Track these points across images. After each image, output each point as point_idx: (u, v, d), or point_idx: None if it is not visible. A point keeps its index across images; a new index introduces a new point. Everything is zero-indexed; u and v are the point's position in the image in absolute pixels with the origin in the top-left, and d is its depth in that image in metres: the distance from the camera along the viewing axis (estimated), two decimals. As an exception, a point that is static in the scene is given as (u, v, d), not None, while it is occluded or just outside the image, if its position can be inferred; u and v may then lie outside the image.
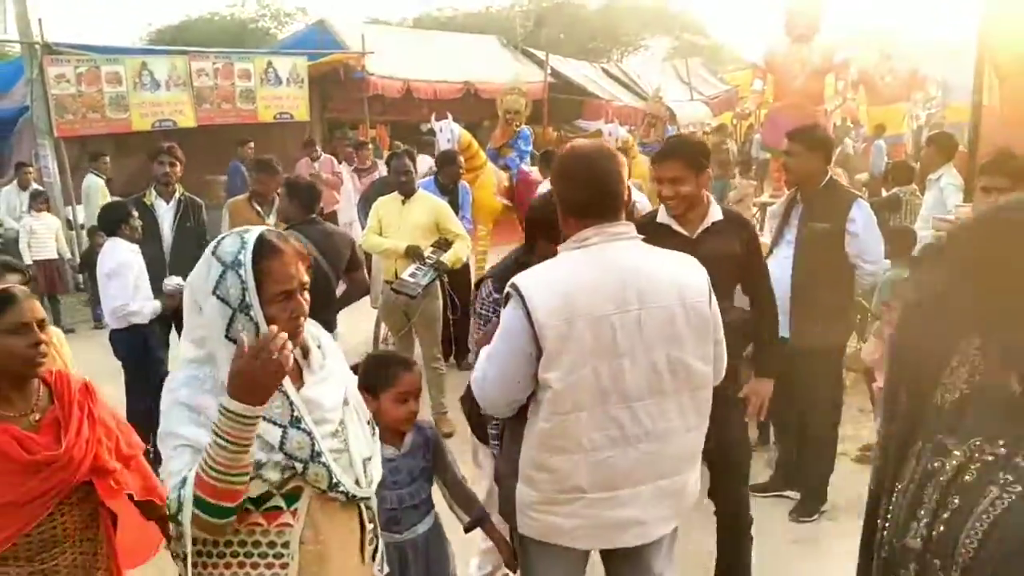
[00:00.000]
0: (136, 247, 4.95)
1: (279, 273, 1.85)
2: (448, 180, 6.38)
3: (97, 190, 9.66)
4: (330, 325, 4.84)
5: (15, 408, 2.25)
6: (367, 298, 6.08)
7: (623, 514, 2.31)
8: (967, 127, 9.40)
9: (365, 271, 5.21)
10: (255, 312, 1.81)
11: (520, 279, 2.26)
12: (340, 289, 4.98)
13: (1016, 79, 4.57)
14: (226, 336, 1.82)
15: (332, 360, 2.10)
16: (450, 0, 37.23)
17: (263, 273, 1.83)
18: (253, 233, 1.88)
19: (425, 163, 8.84)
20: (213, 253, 1.85)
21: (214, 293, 1.81)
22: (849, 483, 4.74)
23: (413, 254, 5.45)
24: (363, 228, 7.01)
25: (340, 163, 12.15)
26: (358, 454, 2.03)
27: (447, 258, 5.47)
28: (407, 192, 5.66)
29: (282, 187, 4.98)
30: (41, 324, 2.28)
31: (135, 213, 4.98)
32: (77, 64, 10.53)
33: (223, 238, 1.89)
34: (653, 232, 3.13)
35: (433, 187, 6.35)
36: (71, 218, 10.59)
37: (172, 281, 5.07)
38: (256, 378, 1.70)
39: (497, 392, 2.33)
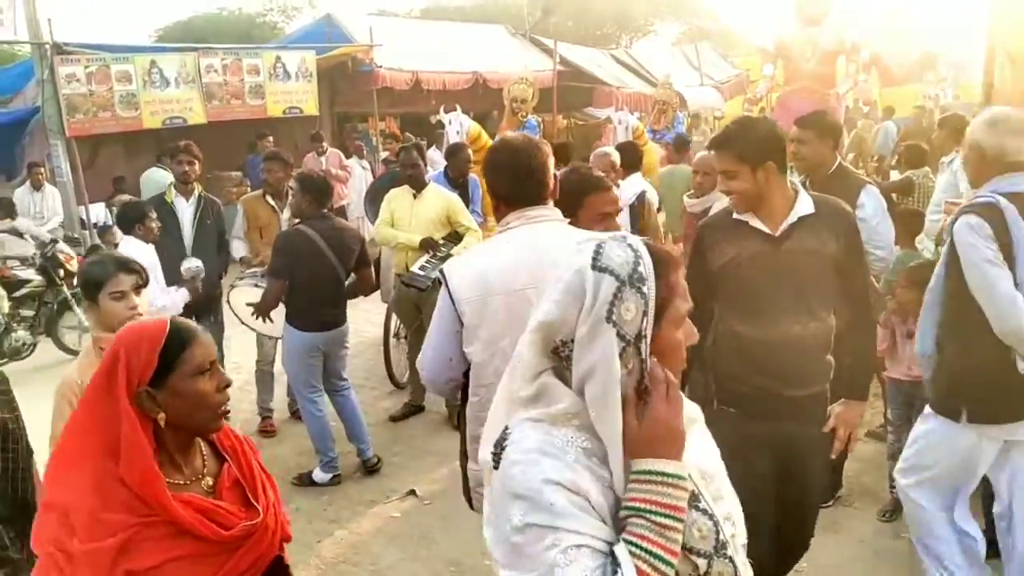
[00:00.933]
0: (151, 247, 4.96)
1: (680, 287, 1.45)
2: (457, 173, 6.37)
3: (155, 187, 8.81)
4: (340, 320, 4.87)
5: (183, 473, 1.76)
6: (379, 292, 6.13)
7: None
8: (979, 107, 9.30)
9: (372, 269, 5.22)
10: (645, 343, 1.37)
11: (448, 263, 2.52)
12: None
13: (1027, 60, 4.53)
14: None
15: None
16: (456, -9, 37.18)
17: (666, 290, 1.41)
18: (636, 239, 1.44)
19: (438, 156, 8.81)
20: (595, 266, 1.37)
21: (609, 319, 1.34)
22: (864, 468, 4.74)
23: (428, 246, 5.46)
24: (370, 222, 7.03)
25: (349, 157, 12.19)
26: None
27: (458, 251, 5.48)
28: (418, 185, 5.67)
29: (295, 181, 5.00)
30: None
31: (153, 214, 4.99)
32: (87, 63, 10.58)
33: (601, 246, 1.41)
34: (729, 229, 2.91)
35: (443, 180, 6.34)
36: (84, 217, 10.66)
37: (191, 263, 5.03)
38: (673, 425, 1.35)
39: (434, 370, 2.53)
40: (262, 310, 4.77)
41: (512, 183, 2.47)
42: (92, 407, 1.69)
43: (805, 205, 2.84)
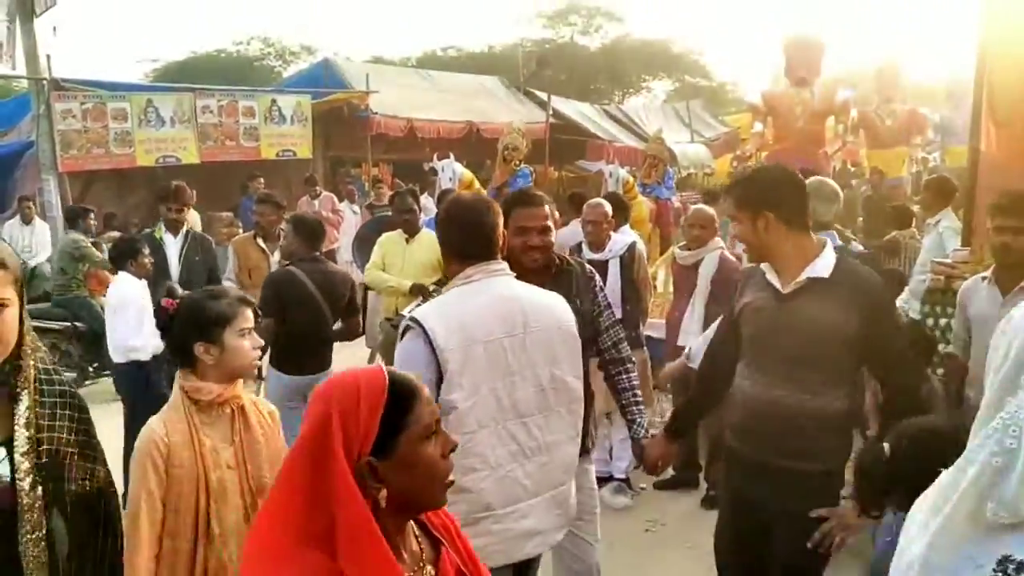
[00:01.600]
0: (143, 283, 4.96)
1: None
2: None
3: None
4: (325, 364, 4.83)
5: (405, 562, 1.41)
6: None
7: (525, 525, 2.52)
8: (967, 172, 9.45)
9: (360, 316, 5.19)
10: None
11: (418, 313, 2.51)
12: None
13: (1013, 127, 4.60)
14: None
15: None
16: (454, 40, 37.78)
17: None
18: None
19: (431, 203, 8.87)
20: None
21: None
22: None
23: (419, 292, 5.45)
24: (358, 267, 7.03)
25: (341, 201, 12.23)
26: None
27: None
28: (412, 230, 5.69)
29: (287, 223, 5.00)
30: None
31: (146, 250, 4.99)
32: (83, 100, 10.65)
33: None
34: (756, 275, 2.79)
35: (434, 225, 6.35)
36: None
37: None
38: None
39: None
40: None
41: (468, 239, 2.56)
42: (295, 486, 1.32)
43: (821, 267, 2.62)
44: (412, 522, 1.48)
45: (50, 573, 1.96)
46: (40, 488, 1.94)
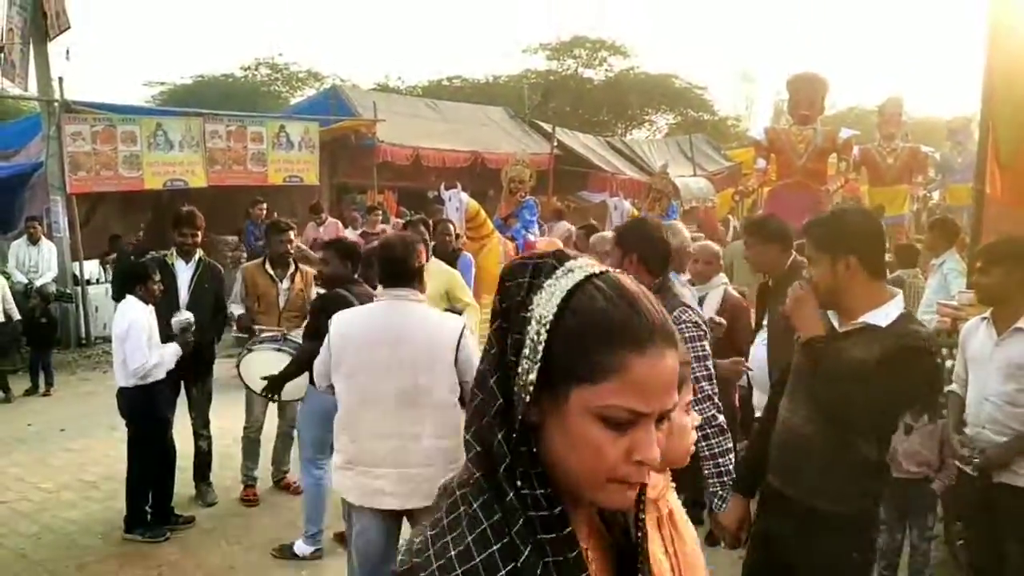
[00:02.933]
0: (149, 308, 4.97)
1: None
2: (438, 248, 6.38)
3: None
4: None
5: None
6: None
7: (376, 485, 3.29)
8: (966, 211, 9.50)
9: None
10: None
11: (340, 312, 3.52)
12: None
13: (1016, 169, 4.65)
14: None
15: None
16: (459, 69, 38.10)
17: None
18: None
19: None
20: None
21: None
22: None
23: None
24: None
25: (346, 227, 12.28)
26: None
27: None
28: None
29: (327, 249, 4.97)
30: None
31: (156, 275, 5.01)
32: (93, 123, 10.74)
33: None
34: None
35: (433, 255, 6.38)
36: (77, 273, 10.67)
37: (181, 316, 5.08)
38: None
39: (320, 379, 3.52)
40: (300, 370, 4.57)
41: (387, 268, 3.39)
42: None
43: (881, 316, 2.55)
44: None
45: None
46: None
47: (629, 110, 35.54)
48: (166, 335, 5.05)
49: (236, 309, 5.75)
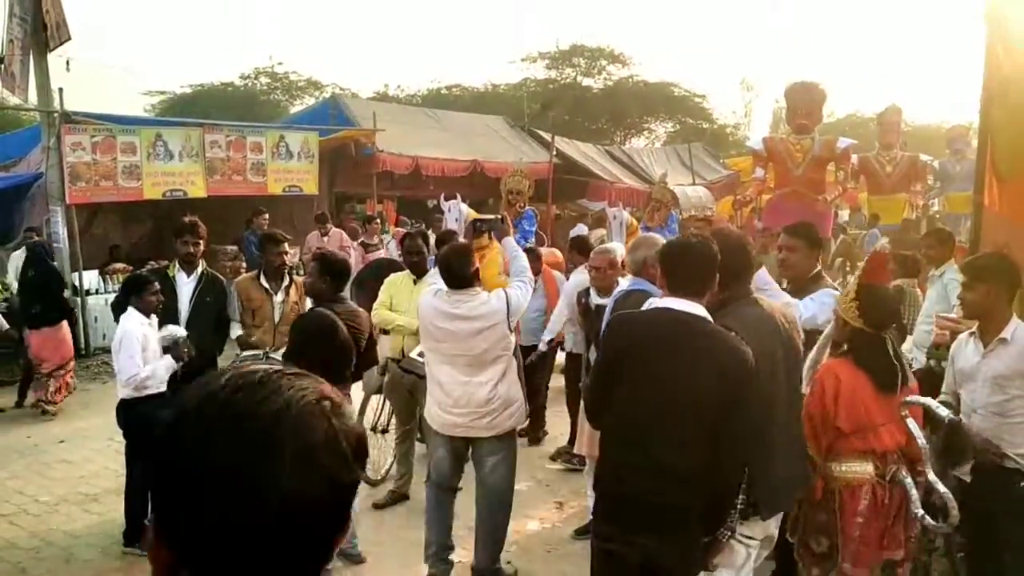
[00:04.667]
0: (146, 319, 4.98)
1: None
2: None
3: None
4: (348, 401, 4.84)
5: None
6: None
7: (449, 419, 4.39)
8: (964, 219, 9.48)
9: (376, 348, 5.20)
10: None
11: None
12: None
13: (1015, 181, 4.66)
14: None
15: None
16: (459, 78, 38.15)
17: None
18: None
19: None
20: None
21: None
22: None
23: None
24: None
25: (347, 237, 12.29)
26: None
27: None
28: (420, 272, 5.71)
29: (313, 261, 4.97)
30: None
31: (155, 287, 5.02)
32: (93, 133, 10.74)
33: None
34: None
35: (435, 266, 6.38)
36: (77, 284, 10.66)
37: (167, 331, 5.07)
38: None
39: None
40: None
41: (442, 273, 4.39)
42: None
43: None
44: None
45: None
46: None
47: (628, 118, 35.62)
48: (165, 350, 5.05)
49: (236, 330, 5.71)
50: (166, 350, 5.05)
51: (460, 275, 4.27)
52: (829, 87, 13.41)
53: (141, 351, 4.88)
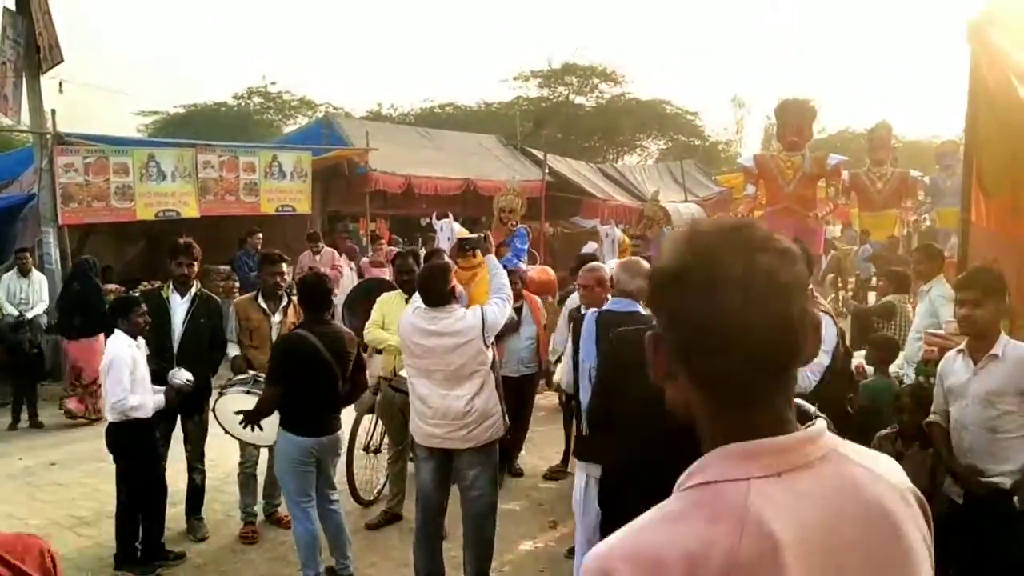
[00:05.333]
0: (134, 341, 4.97)
1: None
2: None
3: None
4: (336, 426, 4.81)
5: None
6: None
7: (428, 430, 4.47)
8: (955, 234, 9.53)
9: (365, 372, 5.18)
10: None
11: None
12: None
13: (1001, 197, 4.69)
14: None
15: None
16: (452, 96, 38.30)
17: None
18: None
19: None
20: None
21: None
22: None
23: None
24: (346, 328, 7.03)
25: (340, 256, 12.30)
26: None
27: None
28: (411, 291, 5.70)
29: (297, 284, 4.98)
30: None
31: (141, 308, 5.02)
32: (86, 154, 10.74)
33: None
34: None
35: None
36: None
37: (181, 376, 5.09)
38: None
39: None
40: (255, 418, 4.65)
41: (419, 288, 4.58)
42: None
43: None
44: None
45: None
46: None
47: (621, 136, 35.82)
48: (155, 373, 5.04)
49: (232, 350, 5.70)
50: (167, 389, 5.04)
51: (437, 293, 4.41)
52: (820, 104, 13.54)
53: (129, 374, 4.87)
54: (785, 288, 1.01)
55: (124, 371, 4.83)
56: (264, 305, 5.68)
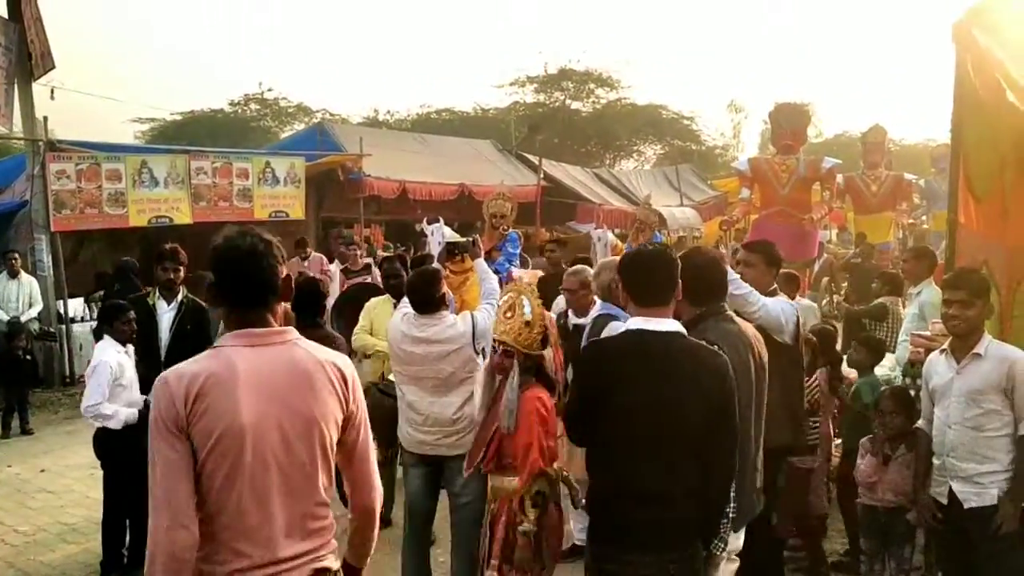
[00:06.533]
0: (122, 348, 4.96)
1: None
2: None
3: None
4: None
5: None
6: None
7: (418, 437, 4.44)
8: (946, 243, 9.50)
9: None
10: None
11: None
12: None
13: (989, 201, 4.67)
14: None
15: None
16: (448, 101, 38.32)
17: None
18: None
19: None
20: None
21: None
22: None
23: None
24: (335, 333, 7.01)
25: (332, 261, 12.25)
26: None
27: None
28: (399, 296, 5.69)
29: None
30: None
31: (129, 315, 5.00)
32: (78, 161, 10.73)
33: None
34: None
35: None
36: (62, 312, 10.61)
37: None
38: None
39: None
40: None
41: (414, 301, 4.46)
42: None
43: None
44: None
45: None
46: None
47: (617, 141, 35.81)
48: (144, 381, 5.01)
49: None
50: (146, 405, 5.02)
51: (426, 299, 4.32)
52: (816, 108, 13.54)
53: (113, 381, 4.86)
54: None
55: (105, 377, 4.83)
56: None
